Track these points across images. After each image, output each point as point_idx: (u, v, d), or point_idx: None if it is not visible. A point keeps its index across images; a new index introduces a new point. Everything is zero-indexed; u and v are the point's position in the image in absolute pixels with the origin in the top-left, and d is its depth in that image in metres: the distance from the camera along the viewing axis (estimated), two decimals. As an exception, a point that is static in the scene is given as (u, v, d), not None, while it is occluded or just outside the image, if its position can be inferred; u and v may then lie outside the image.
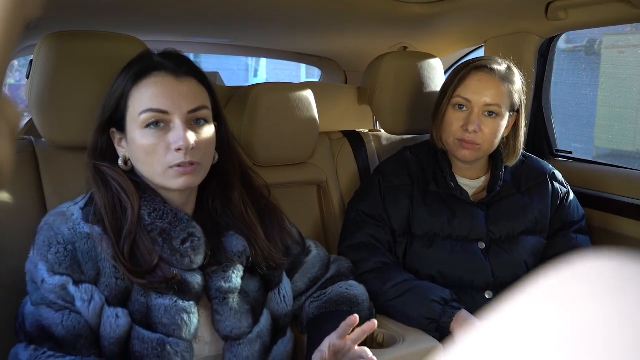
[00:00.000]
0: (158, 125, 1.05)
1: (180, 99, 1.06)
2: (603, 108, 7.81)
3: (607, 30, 7.59)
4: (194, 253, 1.08)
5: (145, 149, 1.06)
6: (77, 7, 1.66)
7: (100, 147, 1.12)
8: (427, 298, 1.44)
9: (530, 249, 1.59)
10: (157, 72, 1.07)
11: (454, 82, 1.59)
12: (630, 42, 7.53)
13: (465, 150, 1.56)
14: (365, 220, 1.62)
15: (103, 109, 1.12)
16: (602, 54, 7.80)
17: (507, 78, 1.57)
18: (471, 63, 1.60)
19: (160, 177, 1.07)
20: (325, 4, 1.83)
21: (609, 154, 7.56)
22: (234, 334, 1.12)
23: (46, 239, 1.04)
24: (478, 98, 1.54)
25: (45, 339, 1.01)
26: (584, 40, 8.05)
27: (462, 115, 1.56)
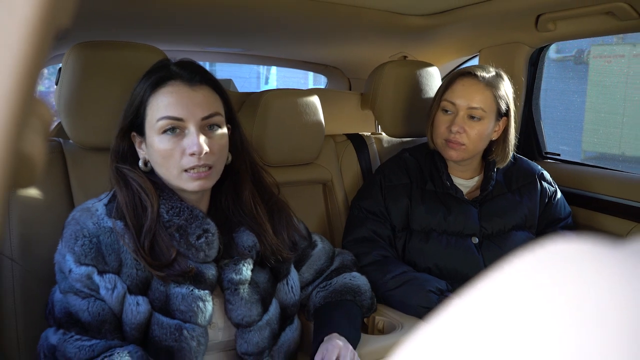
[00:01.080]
0: (174, 131, 1.06)
1: (194, 107, 1.06)
2: (590, 113, 7.80)
3: (594, 41, 7.58)
4: (208, 247, 1.09)
5: (162, 153, 1.07)
6: (102, 19, 1.68)
7: (121, 150, 1.13)
8: (424, 288, 1.44)
9: (519, 244, 1.59)
10: (173, 81, 1.08)
11: (442, 88, 1.61)
12: (616, 52, 7.51)
13: (451, 150, 1.57)
14: (367, 216, 1.62)
15: (124, 115, 1.12)
16: (589, 63, 7.78)
17: (492, 84, 1.57)
18: (459, 70, 1.62)
19: (176, 180, 1.08)
20: (331, 16, 1.84)
21: (596, 157, 7.54)
22: (244, 322, 1.12)
23: (73, 233, 1.05)
24: (462, 102, 1.55)
25: (72, 324, 1.02)
26: (572, 50, 8.04)
27: (449, 118, 1.57)
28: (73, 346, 1.00)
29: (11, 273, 1.23)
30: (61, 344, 1.01)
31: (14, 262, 1.23)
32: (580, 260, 0.19)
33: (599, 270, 0.18)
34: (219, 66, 9.65)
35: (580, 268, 0.18)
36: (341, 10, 1.81)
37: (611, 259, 0.19)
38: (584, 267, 0.19)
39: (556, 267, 0.19)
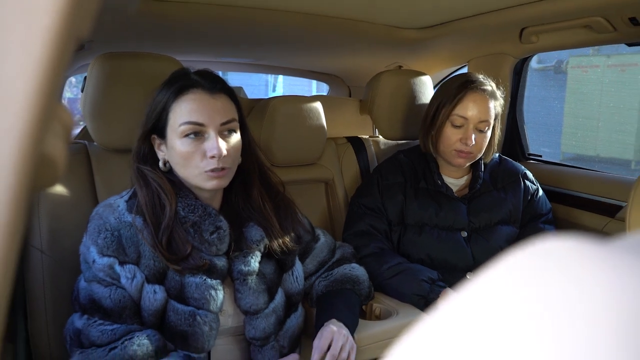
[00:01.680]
0: (195, 135, 1.05)
1: (214, 113, 1.06)
2: (568, 118, 7.79)
3: (572, 52, 7.56)
4: (220, 242, 1.09)
5: (184, 155, 1.06)
6: (124, 32, 1.67)
7: (142, 151, 1.12)
8: (417, 278, 1.44)
9: (505, 237, 1.59)
10: (194, 89, 1.07)
11: (452, 102, 1.55)
12: (592, 63, 7.49)
13: (461, 159, 1.56)
14: (366, 212, 1.62)
15: (146, 119, 1.11)
16: (568, 73, 7.77)
17: (493, 95, 1.57)
18: (466, 84, 1.55)
19: (195, 179, 1.08)
20: (333, 29, 1.83)
21: (574, 158, 7.52)
22: (252, 309, 1.12)
23: (96, 227, 1.05)
24: (474, 116, 1.53)
25: (95, 309, 1.02)
26: (552, 60, 8.03)
27: (460, 131, 1.55)
28: (96, 330, 1.00)
29: (41, 263, 1.23)
30: (85, 328, 1.01)
31: (43, 254, 1.23)
32: (569, 258, 0.18)
33: (587, 267, 0.17)
34: (231, 75, 9.66)
35: (569, 265, 0.17)
36: (342, 24, 1.81)
37: (599, 255, 0.18)
38: (573, 264, 0.18)
39: (546, 265, 0.18)
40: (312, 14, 1.71)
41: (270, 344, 1.15)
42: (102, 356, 0.98)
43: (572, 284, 0.17)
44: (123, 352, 0.98)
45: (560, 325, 0.16)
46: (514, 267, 0.18)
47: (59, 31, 0.27)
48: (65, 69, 0.31)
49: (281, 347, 1.17)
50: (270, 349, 1.15)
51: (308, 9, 1.68)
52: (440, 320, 0.18)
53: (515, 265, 0.18)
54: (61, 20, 0.27)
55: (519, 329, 0.16)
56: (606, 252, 0.18)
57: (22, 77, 0.26)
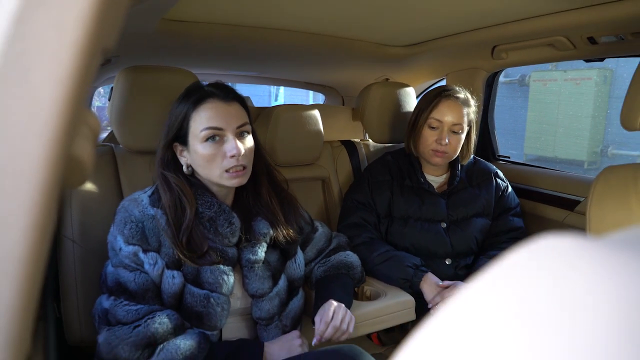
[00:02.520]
0: (214, 139, 1.04)
1: (230, 118, 1.05)
2: (531, 124, 7.81)
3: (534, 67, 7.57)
4: (232, 235, 1.08)
5: (206, 158, 1.05)
6: (145, 48, 1.65)
7: (166, 158, 1.10)
8: (403, 264, 1.43)
9: (479, 228, 1.58)
10: (211, 98, 1.06)
11: (429, 107, 1.56)
12: (552, 77, 7.52)
13: (437, 158, 1.55)
14: (358, 206, 1.60)
15: (168, 129, 1.09)
16: (530, 85, 7.79)
17: (466, 103, 1.56)
18: (442, 92, 1.56)
19: (217, 179, 1.06)
20: (329, 46, 1.82)
21: (535, 159, 7.55)
22: (258, 293, 1.11)
23: (122, 218, 1.03)
24: (447, 119, 1.53)
25: (121, 292, 1.01)
26: (517, 75, 8.05)
27: (435, 133, 1.54)
28: (122, 310, 0.99)
29: (72, 252, 1.21)
30: (112, 308, 0.99)
31: (75, 243, 1.22)
32: (572, 253, 0.16)
33: (589, 262, 0.16)
34: (239, 86, 9.62)
35: (573, 260, 0.16)
36: (337, 42, 1.80)
37: (599, 251, 0.16)
38: (575, 261, 0.16)
39: (549, 261, 0.16)
40: (310, 32, 1.70)
41: (274, 323, 1.14)
42: (128, 333, 0.97)
43: (575, 279, 0.15)
44: (146, 329, 0.97)
45: (565, 319, 0.14)
46: (518, 263, 0.16)
47: (86, 44, 0.25)
48: (92, 78, 0.29)
49: (284, 326, 1.16)
50: (274, 327, 1.14)
51: (307, 29, 1.67)
52: (450, 316, 0.16)
53: (519, 262, 0.16)
54: (88, 34, 0.25)
55: (525, 324, 0.15)
56: (605, 247, 0.17)
57: (53, 85, 0.24)
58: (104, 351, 0.97)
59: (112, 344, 0.97)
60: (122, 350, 0.96)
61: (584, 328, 0.14)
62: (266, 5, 1.39)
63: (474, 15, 1.49)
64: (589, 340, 0.14)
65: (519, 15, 1.47)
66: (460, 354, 0.15)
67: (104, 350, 0.97)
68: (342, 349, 1.03)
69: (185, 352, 0.98)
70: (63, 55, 0.24)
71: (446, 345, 0.15)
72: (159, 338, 0.98)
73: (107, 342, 0.97)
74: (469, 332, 0.15)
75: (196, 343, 1.00)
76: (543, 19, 1.44)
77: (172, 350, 0.98)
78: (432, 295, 1.40)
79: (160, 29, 1.42)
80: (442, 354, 0.15)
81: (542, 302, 0.14)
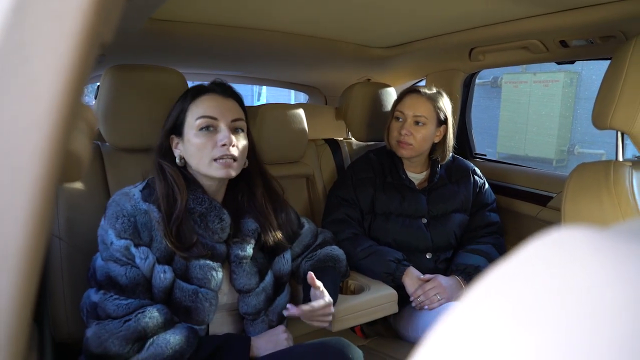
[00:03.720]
0: (209, 129, 1.04)
1: (225, 111, 1.06)
2: (503, 124, 7.93)
3: (505, 70, 7.69)
4: (222, 231, 1.07)
5: (198, 146, 1.04)
6: (132, 46, 1.62)
7: (164, 148, 1.10)
8: (386, 259, 1.43)
9: (458, 223, 1.59)
10: (209, 92, 1.08)
11: (396, 102, 1.62)
12: (521, 79, 7.65)
13: (402, 149, 1.57)
14: (341, 202, 1.60)
15: (166, 122, 1.10)
16: (502, 87, 7.91)
17: (432, 98, 1.57)
18: (409, 90, 1.62)
19: (206, 168, 1.05)
20: (312, 47, 1.81)
21: (507, 157, 7.68)
22: (245, 289, 1.10)
23: (114, 212, 1.01)
24: (409, 111, 1.55)
25: (112, 286, 0.98)
26: (490, 77, 8.15)
27: (400, 124, 1.58)
28: (112, 304, 0.96)
29: (59, 248, 1.18)
30: (102, 302, 0.97)
31: (61, 240, 1.18)
32: (581, 246, 0.16)
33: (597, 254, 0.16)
34: (222, 86, 9.51)
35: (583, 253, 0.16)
36: (320, 43, 1.79)
37: (605, 243, 0.16)
38: (586, 252, 0.16)
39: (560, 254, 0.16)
40: (294, 33, 1.68)
41: (260, 318, 1.13)
42: (118, 327, 0.95)
43: (586, 270, 0.15)
44: (136, 323, 0.95)
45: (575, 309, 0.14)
46: (532, 256, 0.16)
47: (85, 36, 0.24)
48: (90, 71, 0.28)
49: (270, 321, 1.15)
50: (261, 322, 1.12)
51: (290, 29, 1.65)
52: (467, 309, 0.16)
53: (533, 254, 0.16)
54: (87, 26, 0.24)
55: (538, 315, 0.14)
56: (610, 240, 0.16)
57: (52, 77, 0.23)
58: (93, 345, 0.94)
59: (101, 337, 0.94)
60: (112, 344, 0.94)
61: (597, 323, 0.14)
62: (251, 7, 1.37)
63: (452, 18, 1.50)
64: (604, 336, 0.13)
65: (495, 19, 1.48)
66: (476, 352, 0.14)
67: (93, 344, 0.95)
68: (329, 342, 1.03)
69: (174, 346, 0.96)
70: (62, 47, 0.23)
71: (463, 342, 0.15)
72: (149, 332, 0.96)
73: (96, 335, 0.95)
74: (482, 329, 0.15)
75: (185, 338, 0.98)
76: (518, 23, 1.45)
77: (162, 345, 0.96)
78: (413, 288, 1.40)
79: (147, 29, 1.39)
80: (459, 351, 0.15)
81: (554, 296, 0.14)
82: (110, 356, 0.94)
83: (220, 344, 1.02)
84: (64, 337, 1.17)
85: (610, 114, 1.08)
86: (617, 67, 1.08)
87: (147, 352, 0.95)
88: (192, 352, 0.98)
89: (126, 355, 0.95)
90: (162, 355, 0.95)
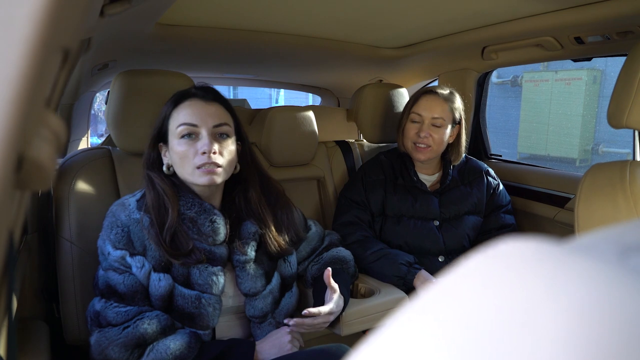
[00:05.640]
0: (190, 137, 1.02)
1: (206, 117, 1.03)
2: (523, 124, 7.79)
3: (525, 68, 7.55)
4: (215, 233, 1.05)
5: (180, 154, 1.03)
6: (141, 51, 1.63)
7: (151, 158, 1.09)
8: (397, 262, 1.41)
9: (471, 225, 1.56)
10: (191, 98, 1.05)
11: (412, 103, 1.58)
12: (543, 77, 7.51)
13: (419, 153, 1.54)
14: (352, 205, 1.58)
15: (153, 129, 1.09)
16: (522, 86, 7.77)
17: (448, 99, 1.55)
18: (424, 90, 1.58)
19: (190, 176, 1.03)
20: (324, 49, 1.80)
21: (528, 157, 7.54)
22: (251, 292, 1.09)
23: (109, 224, 1.03)
24: (427, 113, 1.52)
25: (112, 294, 1.00)
26: (509, 76, 8.03)
27: (416, 126, 1.54)
28: (112, 312, 0.98)
29: (70, 253, 1.20)
30: (103, 310, 0.98)
31: (73, 244, 1.20)
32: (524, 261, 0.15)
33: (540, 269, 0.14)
34: (240, 89, 9.62)
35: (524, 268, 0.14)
36: (331, 45, 1.78)
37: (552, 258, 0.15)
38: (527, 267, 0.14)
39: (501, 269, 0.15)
40: (304, 35, 1.68)
41: (267, 320, 1.12)
42: (117, 334, 0.96)
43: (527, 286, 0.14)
44: (135, 330, 0.96)
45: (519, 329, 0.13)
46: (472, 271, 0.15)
47: (38, 42, 0.23)
48: (51, 77, 0.28)
49: (278, 323, 1.14)
50: (268, 325, 1.12)
51: (301, 32, 1.65)
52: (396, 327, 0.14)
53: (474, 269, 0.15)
54: (41, 32, 0.24)
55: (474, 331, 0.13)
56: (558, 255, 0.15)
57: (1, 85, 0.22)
58: (95, 352, 0.96)
59: (102, 345, 0.95)
60: (112, 351, 0.94)
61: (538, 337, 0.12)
62: (260, 9, 1.37)
63: (464, 16, 1.48)
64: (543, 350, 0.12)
65: (507, 16, 1.45)
66: None
67: (95, 351, 0.96)
68: (331, 348, 1.02)
69: (175, 352, 0.96)
70: (12, 54, 0.23)
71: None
72: (149, 338, 0.96)
73: (97, 343, 0.96)
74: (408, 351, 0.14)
75: (186, 343, 0.98)
76: (531, 20, 1.42)
77: (162, 351, 0.96)
78: (425, 291, 1.38)
79: (156, 34, 1.40)
80: None
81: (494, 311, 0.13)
82: None
83: (224, 349, 1.01)
84: (75, 340, 1.19)
85: (627, 113, 1.04)
86: (632, 64, 1.04)
87: (147, 358, 0.96)
88: (194, 357, 0.98)
89: None
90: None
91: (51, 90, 0.30)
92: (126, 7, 0.87)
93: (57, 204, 1.22)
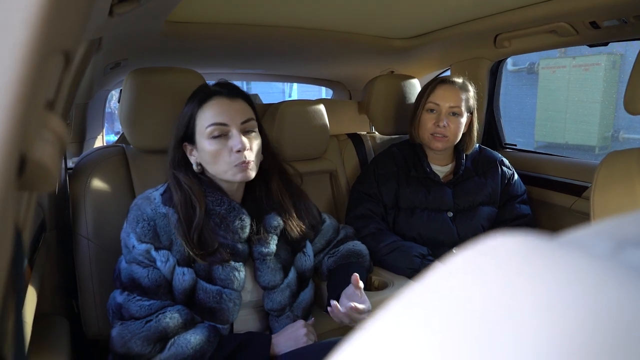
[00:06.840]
0: (220, 135, 1.04)
1: (234, 114, 1.04)
2: (540, 112, 7.65)
3: (542, 55, 7.40)
4: (242, 231, 1.07)
5: (213, 154, 1.04)
6: (153, 49, 1.65)
7: (177, 158, 1.10)
8: (410, 254, 1.41)
9: (485, 216, 1.55)
10: (215, 96, 1.06)
11: (426, 92, 1.56)
12: (560, 64, 7.35)
13: (437, 142, 1.53)
14: (365, 197, 1.58)
15: (177, 130, 1.09)
16: (539, 73, 7.62)
17: (463, 88, 1.53)
18: (439, 79, 1.56)
19: (225, 174, 1.05)
20: (335, 41, 1.79)
21: (545, 145, 7.41)
22: (270, 285, 1.10)
23: (135, 217, 1.03)
24: (444, 102, 1.51)
25: (135, 287, 1.01)
26: (525, 63, 7.88)
27: (434, 116, 1.53)
28: (135, 305, 0.99)
29: (87, 249, 1.22)
30: (126, 303, 1.00)
31: (90, 241, 1.22)
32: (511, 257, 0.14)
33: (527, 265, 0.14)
34: (253, 84, 9.64)
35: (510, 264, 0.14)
36: (341, 37, 1.77)
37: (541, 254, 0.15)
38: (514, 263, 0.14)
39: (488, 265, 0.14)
40: (314, 28, 1.67)
41: (285, 314, 1.13)
42: (140, 327, 0.97)
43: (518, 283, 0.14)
44: (157, 324, 0.97)
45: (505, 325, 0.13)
46: (459, 267, 0.14)
47: (36, 45, 0.24)
48: (51, 80, 0.28)
49: (295, 317, 1.15)
50: (286, 318, 1.13)
51: (312, 25, 1.64)
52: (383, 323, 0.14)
53: (461, 265, 0.15)
54: (38, 36, 0.24)
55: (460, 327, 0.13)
56: (546, 251, 0.15)
57: (0, 89, 0.23)
58: (117, 344, 0.98)
59: (124, 337, 0.97)
60: (135, 344, 0.96)
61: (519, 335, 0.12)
62: (270, 3, 1.36)
63: (475, 3, 1.45)
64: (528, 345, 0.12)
65: (520, 2, 1.42)
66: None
67: (117, 343, 0.98)
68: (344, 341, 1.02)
69: (195, 346, 0.98)
70: (9, 58, 0.23)
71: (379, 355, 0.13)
72: (170, 332, 0.98)
73: (120, 335, 0.98)
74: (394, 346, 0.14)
75: (206, 337, 1.00)
76: (544, 6, 1.39)
77: (183, 345, 0.98)
78: (439, 283, 1.37)
79: (166, 31, 1.41)
80: None
81: (478, 307, 0.13)
82: (133, 356, 0.97)
83: (241, 342, 1.03)
84: (95, 334, 1.22)
85: (644, 98, 1.01)
86: (650, 48, 1.01)
87: (168, 352, 0.97)
88: (213, 351, 1.00)
89: (148, 355, 0.97)
90: (184, 354, 0.97)
91: (55, 92, 0.30)
92: (135, 6, 0.88)
93: (73, 201, 1.24)
